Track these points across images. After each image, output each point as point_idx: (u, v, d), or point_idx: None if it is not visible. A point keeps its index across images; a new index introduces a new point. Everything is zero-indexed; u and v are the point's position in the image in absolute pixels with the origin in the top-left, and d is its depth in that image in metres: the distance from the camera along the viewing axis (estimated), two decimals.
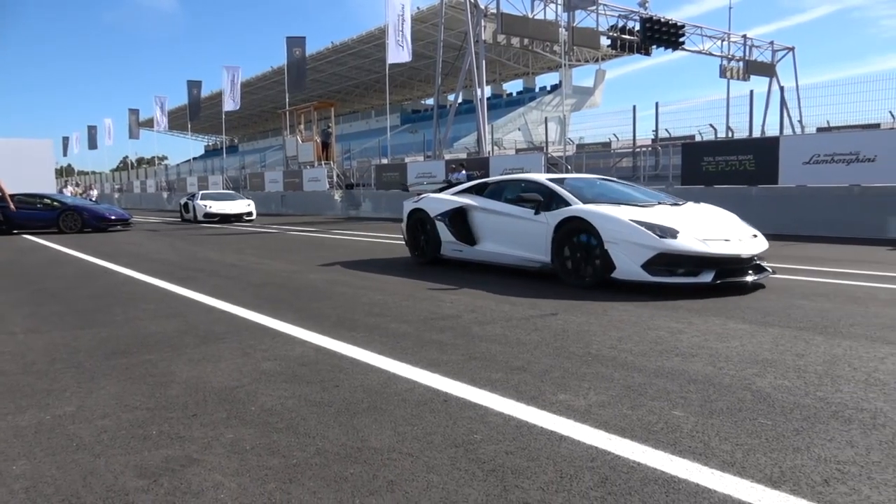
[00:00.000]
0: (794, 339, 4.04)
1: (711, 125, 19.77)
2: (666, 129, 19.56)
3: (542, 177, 7.63)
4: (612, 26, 23.77)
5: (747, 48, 29.33)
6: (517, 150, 30.43)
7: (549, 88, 51.76)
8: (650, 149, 18.40)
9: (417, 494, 2.06)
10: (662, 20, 24.43)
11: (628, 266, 5.73)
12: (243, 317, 5.06)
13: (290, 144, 28.66)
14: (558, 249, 6.37)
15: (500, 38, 20.75)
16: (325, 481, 2.17)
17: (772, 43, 30.54)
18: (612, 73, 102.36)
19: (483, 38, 20.36)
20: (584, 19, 22.75)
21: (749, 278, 5.84)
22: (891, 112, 18.97)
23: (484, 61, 20.80)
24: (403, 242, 8.87)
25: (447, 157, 23.60)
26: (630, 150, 17.79)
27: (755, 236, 6.21)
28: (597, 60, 45.14)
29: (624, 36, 23.95)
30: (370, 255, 9.79)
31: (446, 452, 2.38)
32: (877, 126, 17.99)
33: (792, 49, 31.05)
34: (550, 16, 21.93)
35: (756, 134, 20.08)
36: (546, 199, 6.71)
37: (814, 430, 2.56)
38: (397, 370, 3.47)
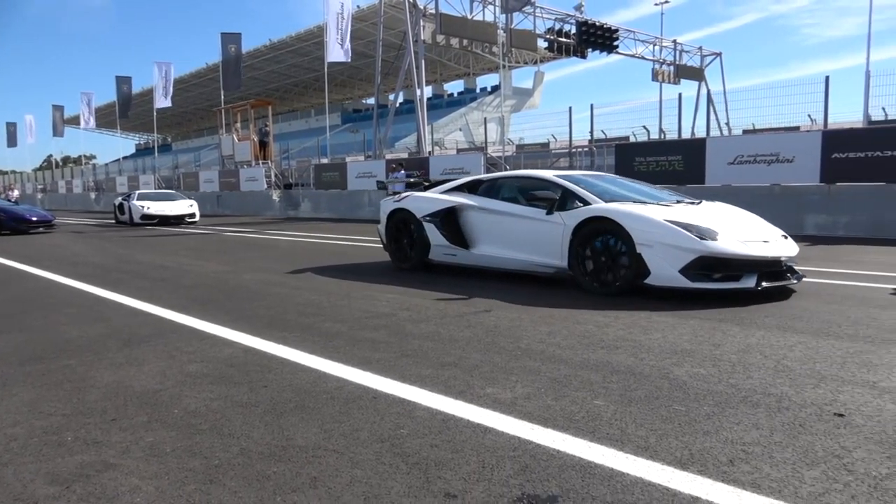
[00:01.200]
0: (712, 330, 4.24)
1: (645, 127, 20.48)
2: (602, 131, 20.14)
3: (549, 173, 6.96)
4: (548, 29, 24.26)
5: (677, 53, 30.46)
6: (458, 150, 30.63)
7: (489, 89, 52.30)
8: (586, 149, 18.89)
9: (340, 489, 2.07)
10: (597, 24, 25.08)
11: (665, 271, 5.22)
12: (171, 319, 4.92)
13: (226, 143, 27.95)
14: (577, 253, 5.75)
15: (440, 38, 20.85)
16: (247, 481, 2.15)
17: (700, 48, 31.81)
18: (550, 75, 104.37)
19: (422, 37, 20.41)
20: (521, 21, 23.12)
21: (787, 283, 5.48)
22: (809, 115, 20.08)
23: (423, 61, 20.86)
24: (382, 246, 8.07)
25: (388, 156, 23.55)
26: (567, 150, 18.19)
27: (785, 237, 5.80)
28: (535, 62, 45.89)
29: (560, 39, 24.47)
30: (308, 256, 9.67)
31: (372, 448, 2.39)
32: (797, 129, 19.01)
33: (719, 54, 32.42)
34: (489, 17, 22.20)
35: (686, 135, 20.89)
36: (560, 198, 6.08)
37: (724, 414, 2.70)
38: (328, 369, 3.45)
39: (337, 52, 22.72)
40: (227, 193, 27.02)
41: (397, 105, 23.94)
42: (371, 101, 53.24)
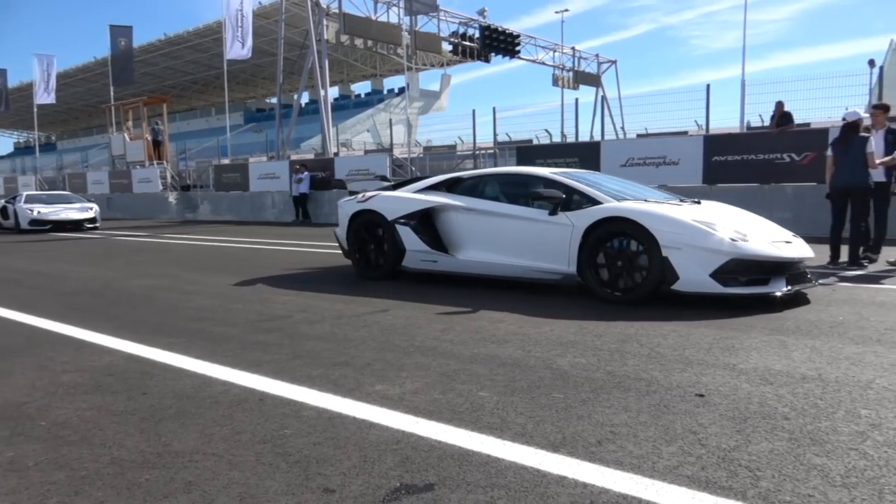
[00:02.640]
0: (597, 322, 4.46)
1: (547, 130, 21.18)
2: (507, 134, 20.66)
3: (545, 170, 6.38)
4: (453, 32, 24.56)
5: (576, 59, 31.71)
6: (366, 152, 30.46)
7: (397, 91, 52.34)
8: (491, 151, 19.31)
9: (216, 492, 2.03)
10: (500, 29, 25.68)
11: (695, 276, 4.82)
12: (46, 328, 4.61)
13: (117, 142, 26.38)
14: (589, 257, 5.25)
15: (344, 38, 20.66)
16: (115, 490, 2.06)
17: (597, 56, 33.26)
18: (458, 78, 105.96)
19: (326, 37, 20.15)
20: (426, 24, 23.31)
21: (808, 285, 5.22)
22: (696, 121, 21.53)
23: (327, 61, 20.59)
24: (341, 253, 7.24)
25: (294, 157, 23.08)
26: (471, 151, 18.54)
27: (795, 237, 5.52)
28: (442, 65, 46.37)
29: (465, 42, 24.85)
30: (204, 260, 9.32)
31: (253, 449, 2.36)
32: (685, 133, 20.32)
33: (615, 62, 34.03)
34: (393, 19, 22.22)
35: (585, 138, 21.83)
36: (566, 197, 5.55)
37: (598, 399, 2.86)
38: (214, 373, 3.36)
39: (237, 49, 22.01)
40: (119, 195, 25.52)
41: (302, 105, 23.51)
42: (275, 100, 51.93)
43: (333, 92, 53.34)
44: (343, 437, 2.45)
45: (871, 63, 14.21)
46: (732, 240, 4.87)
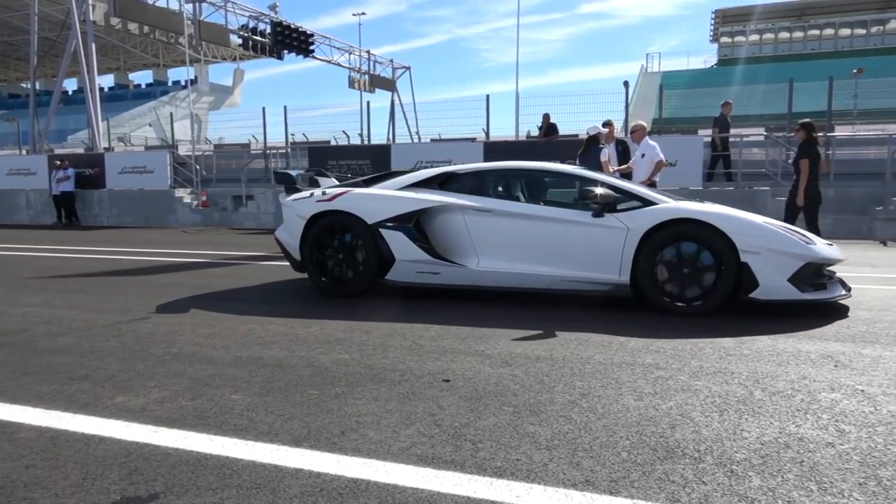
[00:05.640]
0: (365, 319, 4.59)
1: (345, 132, 21.25)
2: (304, 134, 20.34)
3: (569, 167, 5.75)
4: (242, 26, 23.47)
5: (372, 63, 32.18)
6: (147, 147, 27.92)
7: (184, 83, 48.66)
8: (283, 151, 18.86)
9: None
10: (292, 26, 25.09)
11: (775, 282, 4.48)
12: None
13: None
14: (647, 265, 4.71)
15: (115, 21, 18.75)
16: None
17: (391, 61, 34.08)
18: (254, 74, 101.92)
19: (92, 18, 18.10)
20: (212, 14, 21.98)
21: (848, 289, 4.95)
22: (483, 129, 23.11)
23: (94, 45, 18.49)
24: (290, 265, 6.02)
25: (58, 151, 20.38)
26: (262, 151, 17.96)
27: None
28: (234, 59, 44.18)
29: (255, 37, 23.88)
30: None
31: None
32: (473, 140, 21.70)
33: (409, 68, 35.15)
34: (174, 5, 20.66)
35: (382, 141, 22.28)
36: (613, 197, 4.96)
37: (352, 392, 2.96)
38: None
39: None
40: None
41: (69, 92, 20.83)
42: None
43: (108, 80, 48.19)
44: (64, 457, 2.25)
45: (626, 84, 16.39)
46: (807, 242, 4.67)
